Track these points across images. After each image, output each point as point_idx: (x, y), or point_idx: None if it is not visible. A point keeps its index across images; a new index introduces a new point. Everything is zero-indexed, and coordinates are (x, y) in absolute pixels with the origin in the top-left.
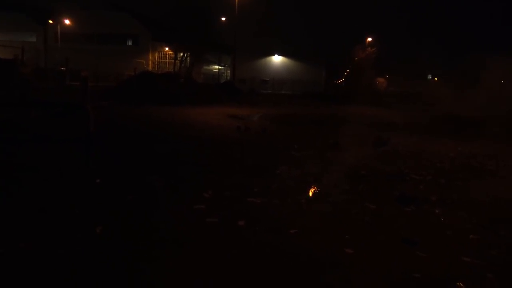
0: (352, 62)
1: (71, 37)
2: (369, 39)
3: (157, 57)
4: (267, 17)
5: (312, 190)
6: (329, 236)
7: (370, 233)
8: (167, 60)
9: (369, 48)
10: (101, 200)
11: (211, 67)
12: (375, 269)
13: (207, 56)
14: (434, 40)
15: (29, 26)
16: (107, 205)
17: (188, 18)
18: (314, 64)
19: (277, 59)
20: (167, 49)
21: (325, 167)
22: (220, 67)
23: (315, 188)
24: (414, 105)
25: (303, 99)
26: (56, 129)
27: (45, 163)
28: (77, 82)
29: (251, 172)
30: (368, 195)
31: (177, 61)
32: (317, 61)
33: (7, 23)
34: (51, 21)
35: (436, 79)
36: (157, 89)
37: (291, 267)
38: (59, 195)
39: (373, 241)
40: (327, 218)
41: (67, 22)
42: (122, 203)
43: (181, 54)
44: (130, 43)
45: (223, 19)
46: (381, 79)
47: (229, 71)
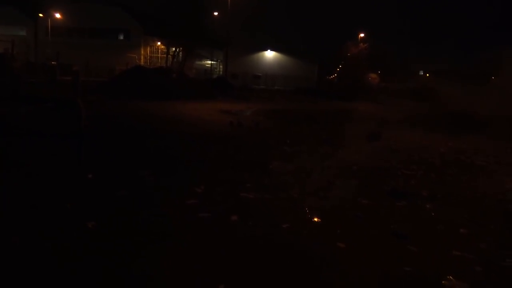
0: (344, 58)
1: (62, 31)
2: (362, 35)
3: (149, 52)
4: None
5: (304, 185)
6: (322, 230)
7: (362, 227)
8: (159, 55)
9: (362, 43)
10: (93, 195)
11: (203, 62)
12: (366, 263)
13: (199, 51)
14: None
15: (19, 20)
16: (99, 200)
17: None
18: (307, 59)
19: (269, 55)
20: (159, 43)
21: (318, 162)
22: (212, 62)
23: (308, 183)
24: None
25: (296, 95)
26: (47, 124)
27: (37, 158)
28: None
29: (243, 167)
30: (360, 190)
31: (169, 56)
32: (310, 57)
33: None
34: (41, 15)
35: (427, 75)
36: (150, 84)
37: (284, 261)
38: (51, 190)
39: (365, 235)
40: (319, 212)
41: (57, 16)
42: (114, 198)
43: (174, 49)
44: (121, 38)
45: (216, 14)
46: (373, 75)
47: (221, 66)
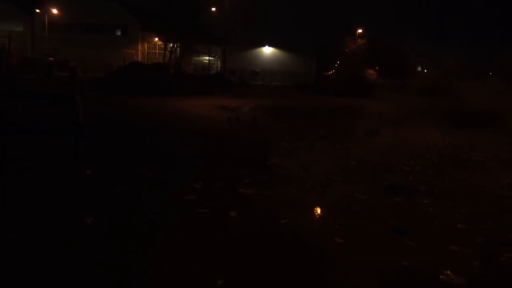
0: (342, 53)
1: (59, 27)
2: (360, 31)
3: (146, 48)
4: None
5: (302, 181)
6: (320, 225)
7: (360, 222)
8: (157, 50)
9: (360, 39)
10: (91, 191)
11: (201, 58)
12: (365, 258)
13: (197, 47)
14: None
15: (15, 15)
16: (98, 196)
17: (178, 8)
18: (305, 55)
19: (267, 50)
20: (156, 39)
21: (316, 158)
22: (210, 58)
23: (306, 179)
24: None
25: (294, 91)
26: (45, 120)
27: (35, 154)
28: (65, 72)
29: (242, 163)
30: (358, 185)
31: (167, 51)
32: (308, 53)
33: None
34: (38, 10)
35: (425, 71)
36: (147, 80)
37: (282, 256)
38: (50, 186)
39: (363, 230)
40: (317, 208)
41: (54, 11)
42: (112, 194)
43: (171, 44)
44: (119, 33)
45: (214, 9)
46: (371, 71)
47: (219, 62)
